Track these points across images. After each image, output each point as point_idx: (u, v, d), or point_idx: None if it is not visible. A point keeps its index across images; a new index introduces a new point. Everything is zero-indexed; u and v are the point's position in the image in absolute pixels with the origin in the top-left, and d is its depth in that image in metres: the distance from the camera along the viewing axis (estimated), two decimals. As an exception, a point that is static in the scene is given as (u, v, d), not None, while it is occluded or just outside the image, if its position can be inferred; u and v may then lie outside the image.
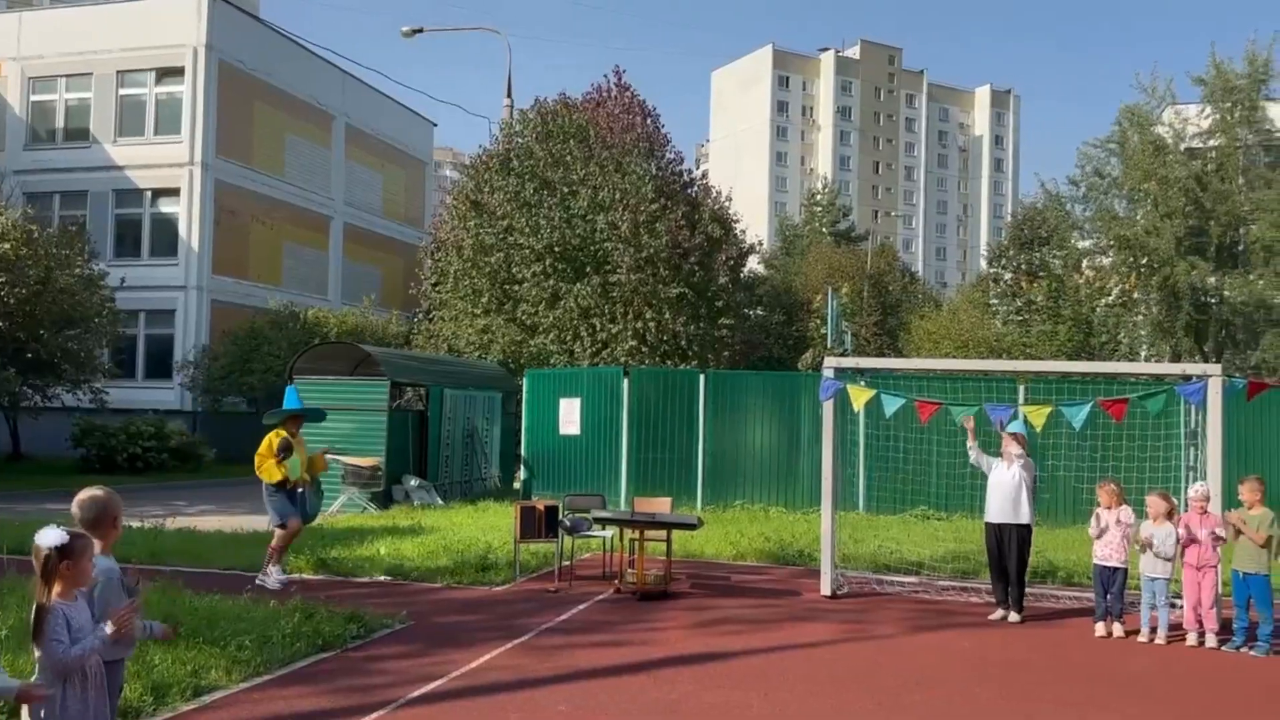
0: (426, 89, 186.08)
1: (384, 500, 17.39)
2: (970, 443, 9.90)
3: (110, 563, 4.10)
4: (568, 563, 11.03)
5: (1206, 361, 22.23)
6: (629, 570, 10.40)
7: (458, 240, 27.43)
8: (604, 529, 11.20)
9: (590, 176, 26.24)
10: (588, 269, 25.99)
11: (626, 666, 7.39)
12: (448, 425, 19.19)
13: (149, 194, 29.84)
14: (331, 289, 34.74)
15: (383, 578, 10.65)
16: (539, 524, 10.91)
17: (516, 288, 26.40)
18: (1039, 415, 9.71)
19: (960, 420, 9.82)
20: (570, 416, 18.96)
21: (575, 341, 25.71)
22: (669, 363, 24.95)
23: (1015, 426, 9.84)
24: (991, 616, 9.54)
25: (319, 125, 34.43)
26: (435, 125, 41.76)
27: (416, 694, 6.52)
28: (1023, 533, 9.54)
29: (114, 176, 29.79)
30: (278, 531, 10.15)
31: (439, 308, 28.53)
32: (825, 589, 10.34)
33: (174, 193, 29.47)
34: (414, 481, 18.19)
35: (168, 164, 29.26)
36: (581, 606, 9.57)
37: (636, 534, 10.32)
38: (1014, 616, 9.45)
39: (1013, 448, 9.56)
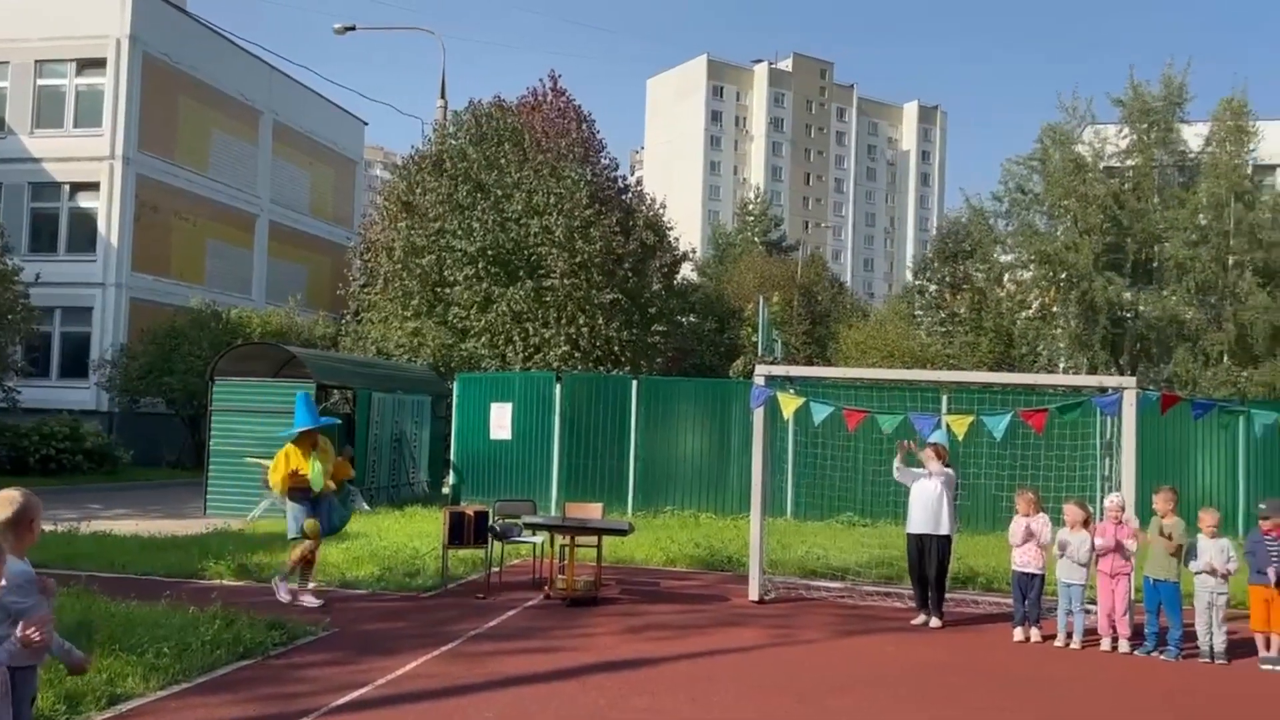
0: (358, 88, 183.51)
1: (309, 505, 17.05)
2: (898, 461, 10.09)
3: (25, 566, 3.95)
4: (497, 569, 10.96)
5: (1122, 374, 22.97)
6: (559, 576, 10.36)
7: (388, 241, 27.10)
8: (534, 535, 11.14)
9: (525, 180, 26.15)
10: (521, 273, 25.89)
11: (555, 673, 7.36)
12: (375, 429, 18.90)
13: (67, 188, 28.86)
14: (256, 288, 33.99)
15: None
16: (468, 530, 10.80)
17: (448, 290, 26.16)
18: (961, 425, 9.93)
19: (887, 430, 9.98)
20: (501, 421, 18.85)
21: (507, 346, 25.57)
22: (602, 368, 24.96)
23: (938, 436, 10.05)
24: (913, 622, 9.72)
25: (246, 121, 33.70)
26: (366, 124, 41.19)
27: (340, 702, 6.41)
28: (943, 543, 9.75)
29: (30, 169, 28.75)
30: (293, 544, 9.77)
31: (368, 309, 28.13)
32: (753, 594, 10.43)
33: (93, 187, 28.55)
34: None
35: (87, 157, 28.34)
36: (510, 613, 9.51)
37: (567, 540, 10.30)
38: (935, 622, 9.64)
39: (933, 463, 9.77)
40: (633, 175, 64.04)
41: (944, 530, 9.69)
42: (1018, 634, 9.16)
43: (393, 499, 18.68)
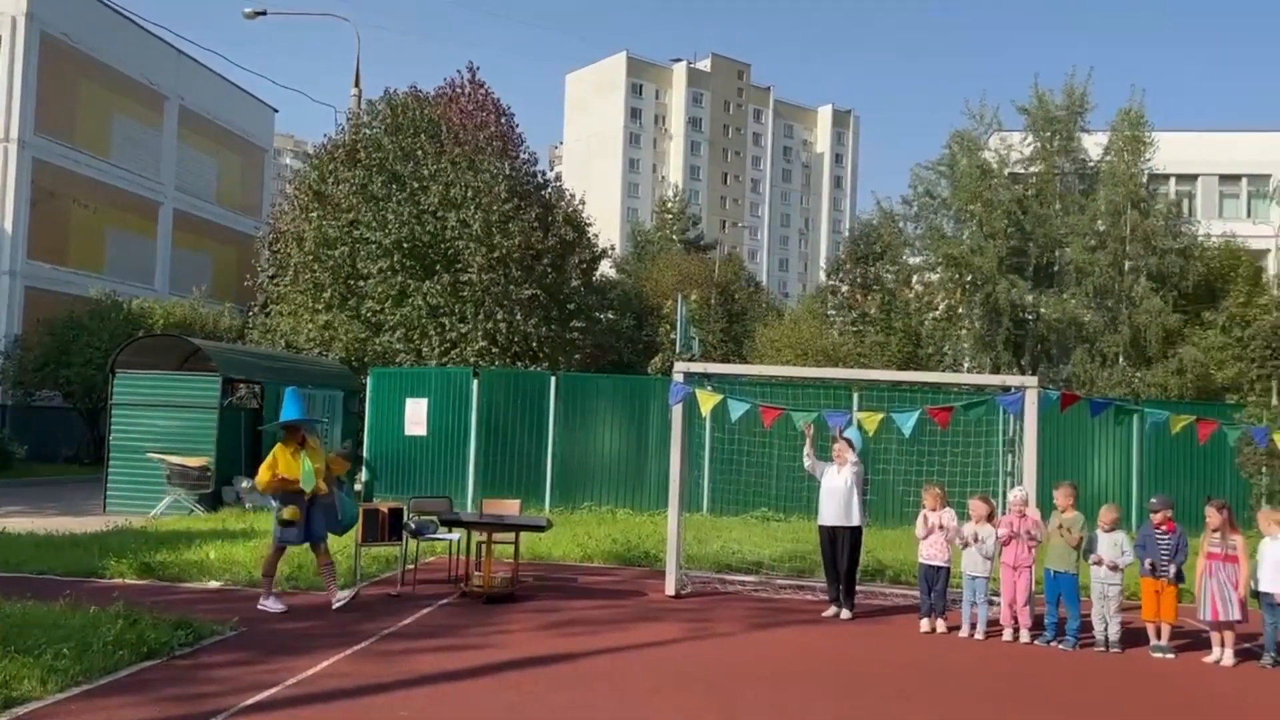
0: (269, 74, 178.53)
1: (213, 502, 16.62)
2: (807, 449, 10.27)
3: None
4: (411, 566, 10.82)
5: (1023, 374, 23.76)
6: (475, 573, 10.29)
7: (299, 232, 26.48)
8: (450, 531, 11.04)
9: (442, 173, 25.82)
10: (437, 267, 25.56)
11: (472, 670, 7.31)
12: (285, 425, 18.46)
13: (-44, 170, 27.54)
14: (159, 278, 32.92)
15: (213, 584, 10.17)
16: (383, 527, 10.65)
17: (361, 283, 25.69)
18: (872, 421, 10.17)
19: (800, 426, 10.16)
20: (417, 417, 18.61)
21: (423, 340, 25.23)
22: (519, 364, 24.81)
23: (850, 433, 10.27)
24: (825, 614, 9.93)
25: (150, 105, 32.58)
26: (276, 111, 40.20)
27: (249, 703, 6.26)
28: (854, 535, 9.99)
29: (-84, 150, 27.37)
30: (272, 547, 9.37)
31: (276, 301, 27.45)
32: (670, 589, 10.52)
33: (-15, 170, 27.30)
34: (246, 483, 17.38)
35: (-22, 139, 27.09)
36: (425, 610, 9.41)
37: (484, 536, 10.24)
38: (845, 613, 9.87)
39: (846, 454, 9.99)
40: (551, 171, 63.82)
41: (854, 522, 9.91)
42: (924, 625, 9.43)
43: (303, 496, 18.27)
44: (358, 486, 20.12)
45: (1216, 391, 21.76)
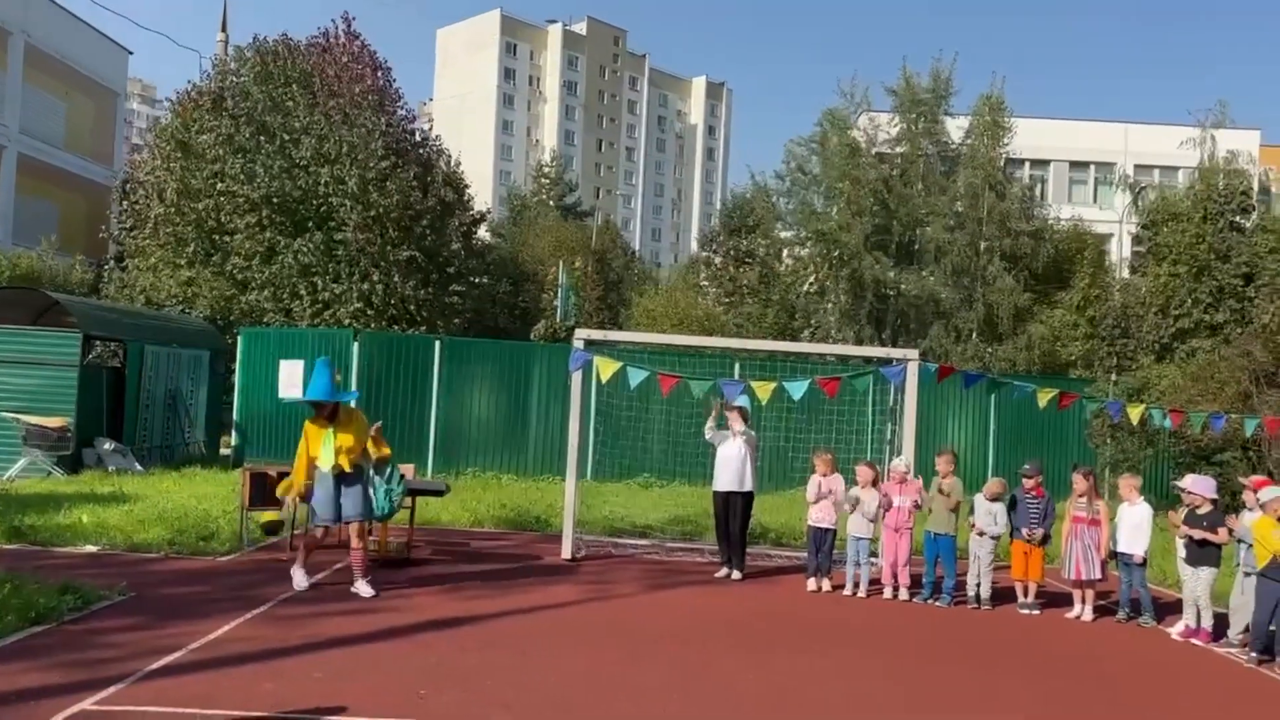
0: (128, 13, 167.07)
1: (73, 464, 15.77)
2: (710, 421, 10.57)
3: None
4: (301, 531, 10.60)
5: (884, 346, 24.80)
6: (370, 538, 10.17)
7: (160, 183, 25.17)
8: (341, 495, 10.84)
9: (315, 125, 24.99)
10: (309, 224, 24.78)
11: (379, 633, 7.29)
12: (148, 385, 17.67)
13: None
14: (2, 228, 30.70)
15: (89, 548, 9.74)
16: (271, 491, 10.41)
17: (227, 239, 24.69)
18: (765, 390, 10.52)
19: (699, 395, 10.43)
20: (292, 380, 18.05)
21: (293, 300, 24.47)
22: (396, 327, 24.36)
23: (742, 401, 10.61)
24: (717, 575, 10.28)
25: (-9, 40, 30.20)
26: (131, 54, 37.85)
27: (156, 666, 6.10)
28: (746, 500, 10.37)
29: None
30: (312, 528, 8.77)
31: (134, 255, 26.08)
32: (566, 553, 10.67)
33: None
34: (108, 445, 16.62)
35: None
36: (320, 575, 9.26)
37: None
38: (736, 574, 10.24)
39: (737, 424, 10.34)
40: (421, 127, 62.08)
41: (747, 487, 10.29)
42: (811, 584, 9.88)
43: (166, 459, 17.58)
44: (225, 450, 19.48)
45: (1061, 367, 23.24)
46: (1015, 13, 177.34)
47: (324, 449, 8.50)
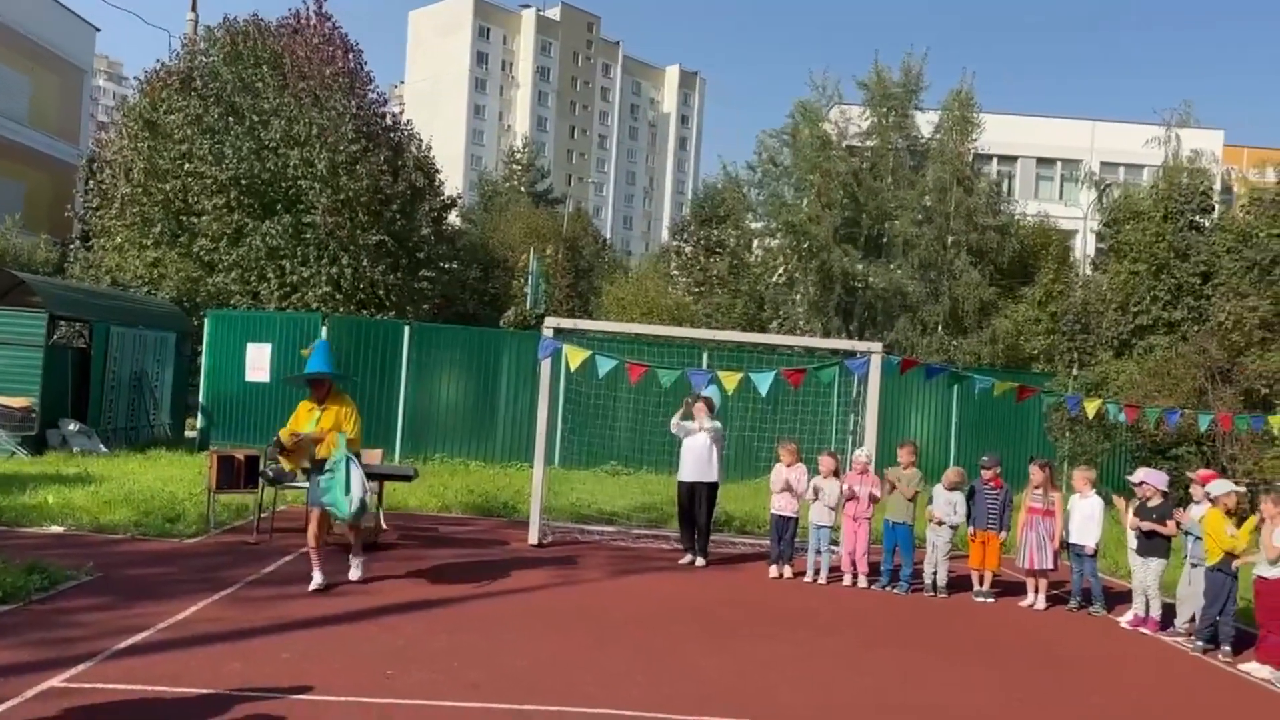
0: None
1: (37, 445, 15.64)
2: (678, 416, 10.72)
3: None
4: (266, 514, 10.64)
5: (852, 339, 25.07)
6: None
7: (127, 162, 24.87)
8: (308, 479, 10.87)
9: (284, 107, 24.76)
10: (278, 206, 24.59)
11: (347, 615, 7.38)
12: (114, 366, 17.54)
13: None
14: (-38, 204, 30.20)
15: (55, 529, 9.73)
16: (238, 474, 10.45)
17: (195, 220, 24.44)
18: (731, 381, 10.66)
19: (668, 384, 10.54)
20: (259, 363, 18.03)
21: (261, 283, 24.29)
22: (365, 312, 24.27)
23: (709, 391, 10.74)
24: (681, 561, 10.44)
25: (-48, 13, 29.67)
26: (99, 30, 37.27)
27: (123, 645, 6.16)
28: (712, 490, 10.55)
29: None
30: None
31: (100, 235, 25.77)
32: (533, 538, 10.78)
33: None
34: (73, 426, 16.49)
35: None
36: (287, 558, 9.32)
37: (346, 484, 10.15)
38: (700, 561, 10.41)
39: (703, 415, 10.50)
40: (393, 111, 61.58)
41: (713, 478, 10.46)
42: (773, 571, 10.07)
43: (131, 441, 17.47)
44: (190, 433, 19.38)
45: (1024, 361, 23.61)
46: (988, 7, 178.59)
47: (307, 428, 8.28)
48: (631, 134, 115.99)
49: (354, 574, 8.49)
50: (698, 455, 10.45)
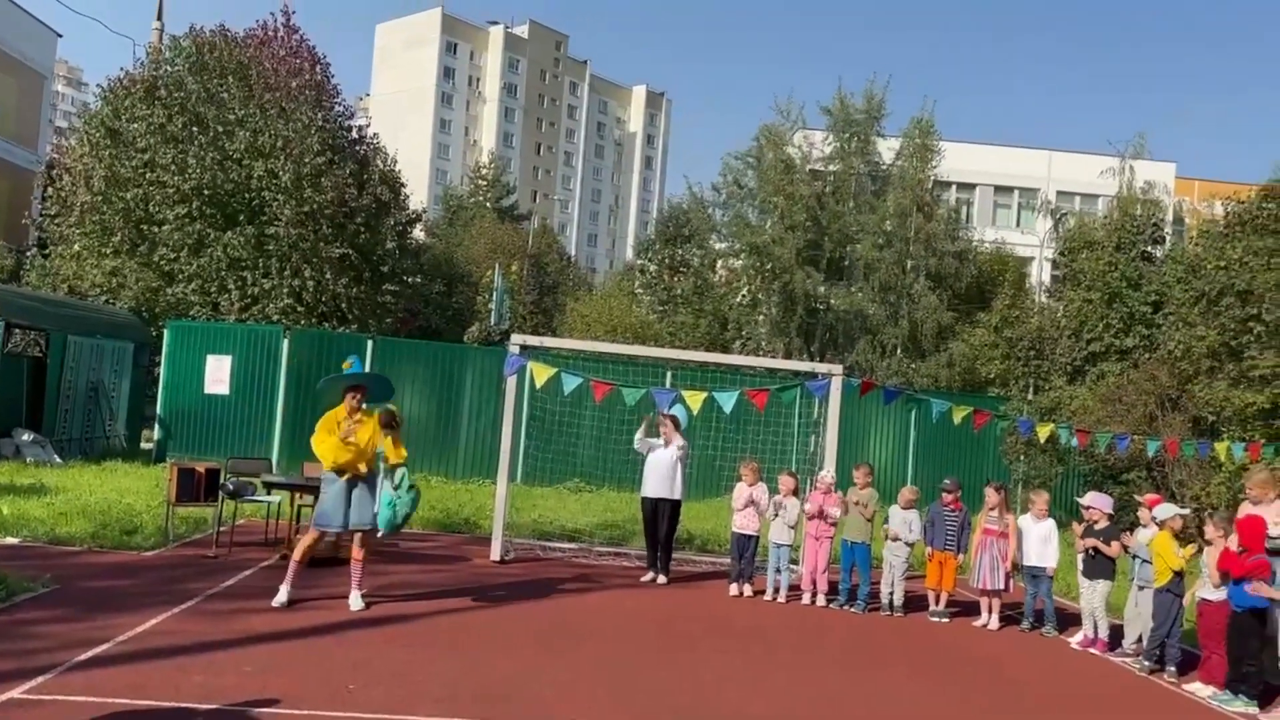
0: None
1: (-11, 455, 15.42)
2: (641, 431, 10.83)
3: None
4: (225, 528, 10.57)
5: (813, 360, 25.37)
6: (297, 536, 10.19)
7: (87, 170, 24.61)
8: (270, 494, 10.87)
9: (250, 118, 24.67)
10: (241, 217, 24.46)
11: (309, 629, 7.37)
12: (70, 376, 17.34)
13: None
14: (-86, 208, 29.68)
15: (9, 540, 9.61)
16: (198, 487, 10.39)
17: (156, 229, 24.23)
18: (696, 400, 10.79)
19: (633, 403, 10.65)
20: (219, 375, 17.92)
21: (221, 294, 24.12)
22: (327, 325, 24.17)
23: (676, 410, 10.86)
24: (643, 579, 10.52)
25: (-91, 14, 29.21)
26: (60, 36, 36.85)
27: (84, 657, 6.12)
28: (674, 507, 10.65)
29: None
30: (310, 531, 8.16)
31: (58, 242, 25.44)
32: (495, 554, 10.81)
33: None
34: (27, 435, 16.28)
35: None
36: (246, 573, 9.28)
37: (308, 499, 10.14)
38: (662, 579, 10.50)
39: (670, 433, 10.61)
40: (359, 124, 61.35)
41: (676, 495, 10.56)
42: (734, 589, 10.18)
43: (86, 452, 17.27)
44: (147, 444, 19.14)
45: (980, 384, 24.04)
46: (952, 29, 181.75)
47: (349, 439, 7.93)
48: (598, 152, 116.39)
49: (357, 605, 8.10)
50: (662, 473, 10.56)
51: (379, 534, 8.31)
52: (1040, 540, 9.56)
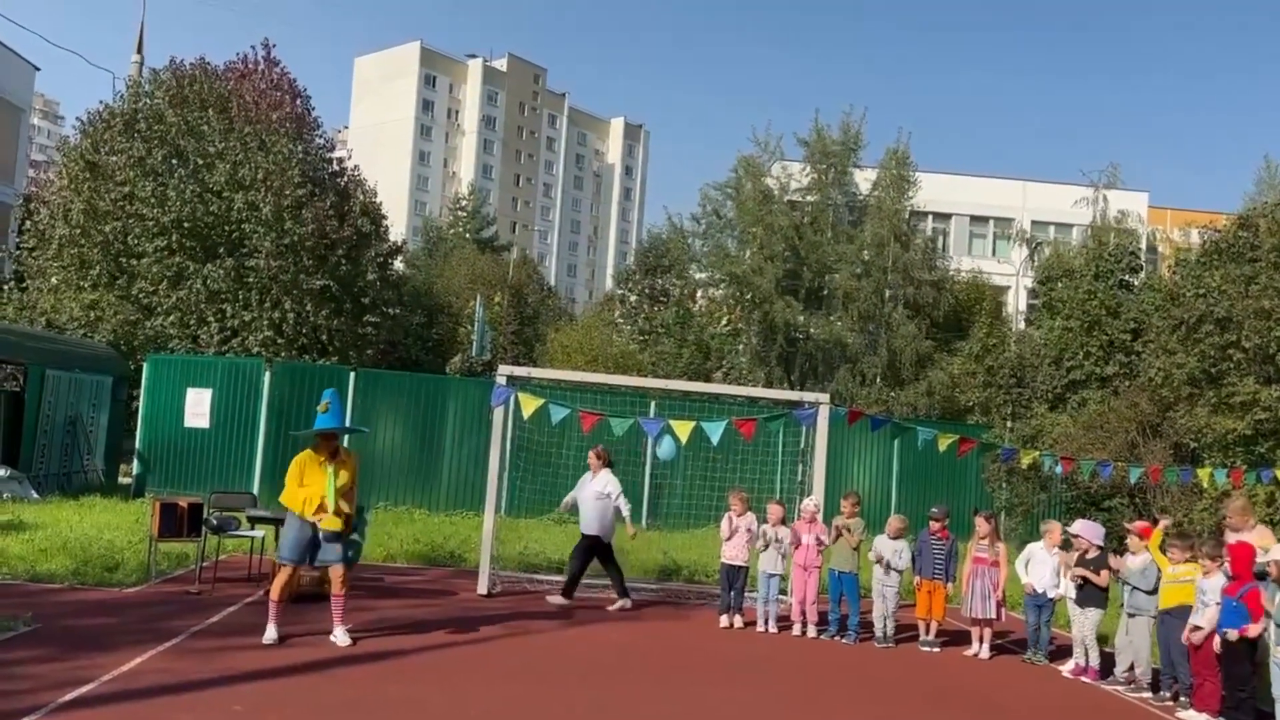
0: (37, 28, 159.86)
1: (-37, 492, 15.16)
2: (567, 500, 11.15)
3: None
4: (208, 564, 10.44)
5: (793, 389, 25.43)
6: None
7: (66, 203, 24.46)
8: (253, 528, 10.74)
9: (230, 151, 24.64)
10: (220, 250, 24.35)
11: (297, 666, 7.27)
12: (48, 410, 17.10)
13: None
14: (-111, 242, 29.33)
15: (-12, 578, 9.44)
16: (181, 522, 10.25)
17: (134, 262, 24.08)
18: (684, 430, 10.78)
19: (620, 433, 10.62)
20: (199, 408, 17.74)
21: (200, 327, 23.95)
22: (307, 357, 24.03)
23: (666, 443, 10.77)
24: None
25: (-115, 47, 29.04)
26: (39, 70, 36.71)
27: (70, 697, 6.01)
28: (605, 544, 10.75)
29: None
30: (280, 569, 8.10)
31: (35, 275, 25.22)
32: (482, 588, 10.71)
33: None
34: (3, 471, 16.01)
35: None
36: (231, 609, 9.15)
37: (293, 533, 10.02)
38: (627, 603, 10.49)
39: (596, 467, 10.79)
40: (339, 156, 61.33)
41: (604, 532, 10.72)
42: (724, 620, 10.12)
43: (64, 487, 17.00)
44: (125, 479, 18.90)
45: (960, 412, 24.16)
46: (924, 62, 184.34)
47: (328, 490, 7.90)
48: (577, 183, 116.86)
49: (344, 641, 8.02)
50: (593, 507, 10.68)
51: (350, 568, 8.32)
52: (1053, 571, 9.47)
